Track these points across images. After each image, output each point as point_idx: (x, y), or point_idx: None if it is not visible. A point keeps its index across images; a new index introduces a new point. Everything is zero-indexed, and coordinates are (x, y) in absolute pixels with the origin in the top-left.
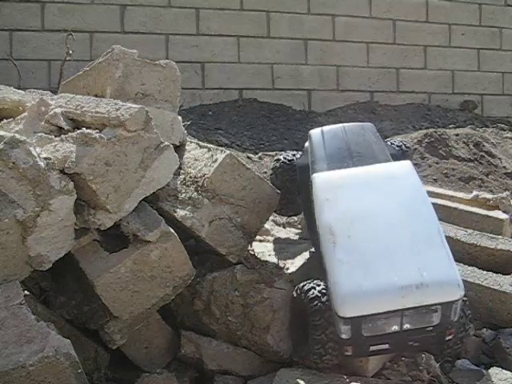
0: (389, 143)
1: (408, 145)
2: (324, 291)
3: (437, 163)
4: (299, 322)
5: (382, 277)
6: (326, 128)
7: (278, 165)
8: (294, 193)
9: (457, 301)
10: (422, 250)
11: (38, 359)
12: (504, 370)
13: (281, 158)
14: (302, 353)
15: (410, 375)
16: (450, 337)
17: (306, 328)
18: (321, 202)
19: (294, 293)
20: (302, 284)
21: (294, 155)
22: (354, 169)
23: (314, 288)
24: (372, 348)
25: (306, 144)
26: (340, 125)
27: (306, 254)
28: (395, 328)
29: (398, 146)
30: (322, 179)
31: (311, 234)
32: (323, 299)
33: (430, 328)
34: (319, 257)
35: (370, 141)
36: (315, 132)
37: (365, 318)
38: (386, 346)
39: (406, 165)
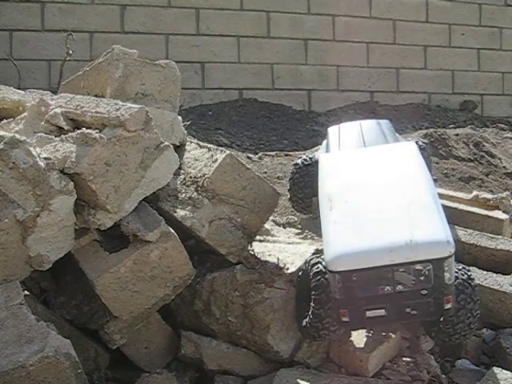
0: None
1: (423, 142)
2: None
3: (437, 163)
4: (305, 294)
5: (372, 234)
6: (343, 124)
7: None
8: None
9: (447, 258)
10: (415, 212)
11: (37, 359)
12: (504, 370)
13: (301, 158)
14: (302, 324)
15: (409, 375)
16: (448, 305)
17: (309, 301)
18: (323, 175)
19: (304, 265)
20: (310, 257)
21: (311, 157)
22: (360, 149)
23: (320, 263)
24: (368, 314)
25: (325, 141)
26: (357, 121)
27: (306, 254)
28: (388, 289)
29: None
30: (327, 157)
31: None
32: (326, 275)
33: (425, 292)
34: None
35: (384, 133)
36: (332, 127)
37: (356, 275)
38: (382, 312)
39: (409, 144)
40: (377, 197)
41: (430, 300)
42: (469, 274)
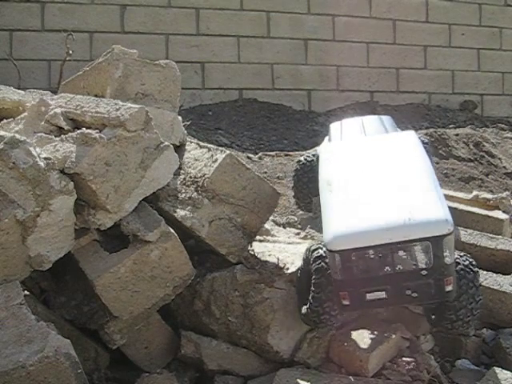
0: None
1: (426, 140)
2: None
3: (437, 163)
4: (306, 282)
5: (372, 215)
6: (345, 119)
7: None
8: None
9: (446, 236)
10: (413, 194)
11: (37, 359)
12: (504, 370)
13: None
14: (302, 312)
15: (410, 375)
16: (449, 288)
17: (310, 288)
18: (323, 161)
19: (304, 254)
20: (310, 245)
21: (314, 154)
22: (360, 138)
23: (321, 248)
24: (368, 296)
25: (327, 137)
26: (359, 117)
27: None
28: (388, 269)
29: None
30: (327, 146)
31: None
32: (327, 259)
33: (425, 272)
34: None
35: (386, 127)
36: (334, 123)
37: (355, 254)
38: (382, 295)
39: (410, 132)
40: (376, 180)
41: (430, 281)
42: (470, 260)
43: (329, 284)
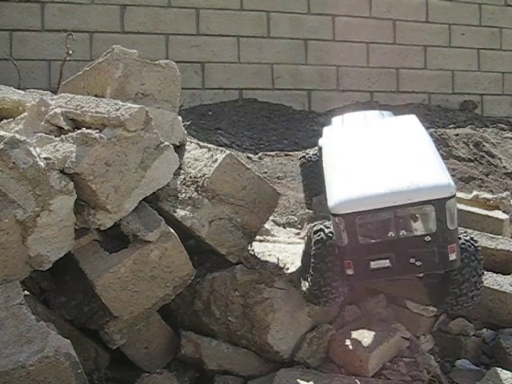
0: None
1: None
2: (329, 226)
3: None
4: (308, 259)
5: (375, 181)
6: (346, 113)
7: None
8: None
9: (449, 199)
10: (416, 163)
11: (37, 359)
12: (504, 370)
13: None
14: (304, 288)
15: (410, 375)
16: (453, 256)
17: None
18: (327, 143)
19: (307, 231)
20: (313, 224)
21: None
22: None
23: (322, 230)
24: (372, 265)
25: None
26: (360, 111)
27: None
28: (392, 235)
29: None
30: (330, 129)
31: None
32: (326, 231)
33: (429, 238)
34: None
35: None
36: (336, 117)
37: (359, 218)
38: (386, 263)
39: (410, 116)
40: (379, 154)
41: (433, 249)
42: (476, 245)
43: (329, 254)
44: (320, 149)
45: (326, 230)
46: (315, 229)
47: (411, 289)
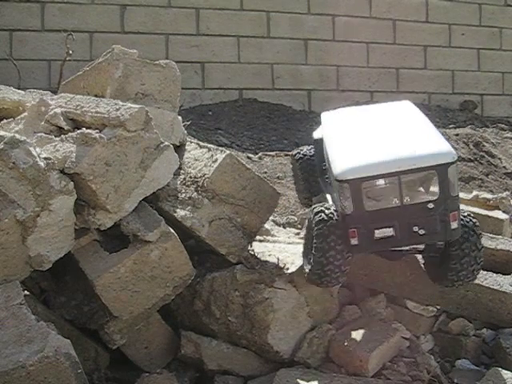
0: None
1: None
2: (329, 207)
3: None
4: (310, 239)
5: (380, 150)
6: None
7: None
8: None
9: (451, 164)
10: (417, 135)
11: (37, 359)
12: (504, 370)
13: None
14: (306, 269)
15: (410, 375)
16: (455, 224)
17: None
18: (327, 125)
19: (308, 213)
20: (314, 206)
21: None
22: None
23: (322, 206)
24: (377, 234)
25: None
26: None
27: None
28: (396, 202)
29: None
30: (328, 112)
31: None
32: (327, 212)
33: (432, 206)
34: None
35: None
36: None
37: (365, 184)
38: (390, 232)
39: (406, 101)
40: (382, 129)
41: (436, 217)
42: (474, 221)
43: (330, 234)
44: (316, 141)
45: (327, 211)
46: (316, 210)
47: (411, 289)
